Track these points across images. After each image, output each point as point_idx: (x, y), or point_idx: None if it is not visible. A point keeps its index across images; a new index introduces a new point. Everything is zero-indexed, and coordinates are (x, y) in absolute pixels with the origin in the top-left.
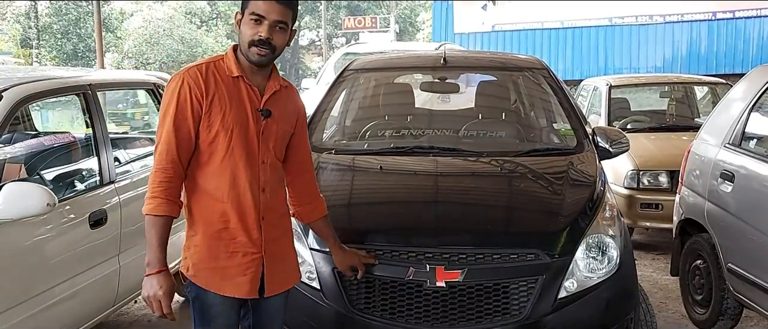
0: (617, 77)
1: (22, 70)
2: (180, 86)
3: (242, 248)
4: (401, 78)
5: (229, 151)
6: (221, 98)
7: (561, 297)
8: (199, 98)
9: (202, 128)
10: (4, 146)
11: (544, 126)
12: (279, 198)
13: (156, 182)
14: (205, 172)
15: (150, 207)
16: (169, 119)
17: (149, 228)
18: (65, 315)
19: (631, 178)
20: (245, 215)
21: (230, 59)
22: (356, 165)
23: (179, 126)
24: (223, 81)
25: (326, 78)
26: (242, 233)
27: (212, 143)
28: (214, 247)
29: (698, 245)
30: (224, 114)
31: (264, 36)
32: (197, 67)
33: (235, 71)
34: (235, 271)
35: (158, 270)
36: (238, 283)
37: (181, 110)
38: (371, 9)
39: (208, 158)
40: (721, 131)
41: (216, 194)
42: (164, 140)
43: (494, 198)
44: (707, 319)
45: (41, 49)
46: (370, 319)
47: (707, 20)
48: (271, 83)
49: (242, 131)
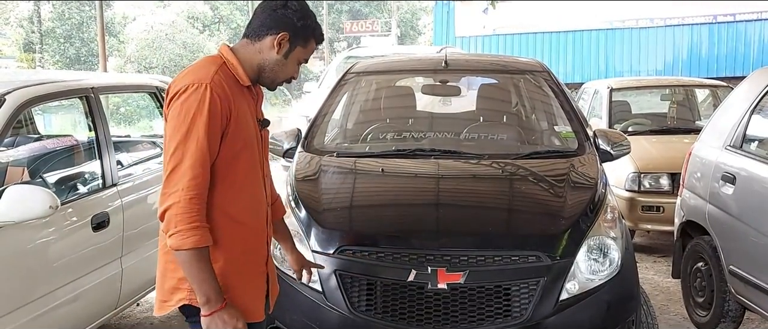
0: (618, 80)
1: (24, 74)
2: (210, 97)
3: (257, 267)
4: (403, 81)
5: (248, 169)
6: (242, 112)
7: (562, 299)
8: (227, 113)
9: (223, 145)
10: (6, 149)
11: (546, 129)
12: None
13: (195, 211)
14: (222, 192)
15: (195, 239)
16: (200, 136)
17: (198, 262)
18: (67, 318)
19: (632, 180)
20: (260, 235)
21: (237, 66)
22: (358, 168)
23: (213, 144)
24: (238, 91)
25: (328, 82)
26: (257, 254)
27: (234, 161)
28: (239, 274)
29: (700, 248)
30: (244, 129)
31: (297, 76)
32: (218, 75)
33: (247, 80)
34: (254, 294)
35: (222, 304)
36: (257, 307)
37: (213, 125)
38: (373, 13)
39: (226, 177)
40: (722, 133)
41: (237, 216)
42: (197, 161)
43: (495, 200)
44: (709, 322)
45: (44, 53)
46: (372, 321)
47: (708, 23)
48: (257, 88)
49: (254, 145)
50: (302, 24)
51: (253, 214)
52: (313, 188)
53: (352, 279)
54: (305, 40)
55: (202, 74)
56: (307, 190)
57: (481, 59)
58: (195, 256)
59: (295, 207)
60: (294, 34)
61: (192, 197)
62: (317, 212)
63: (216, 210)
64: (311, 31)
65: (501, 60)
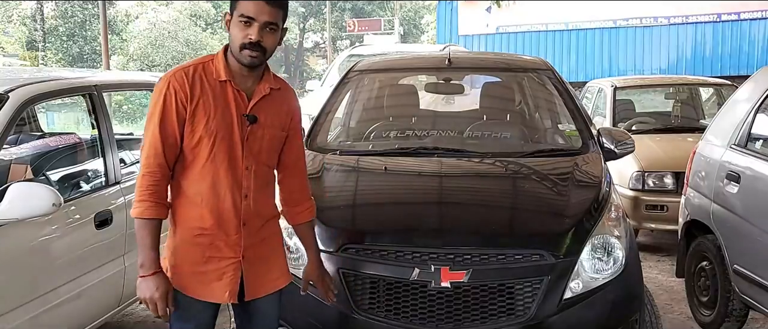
0: (622, 79)
1: (28, 71)
2: (166, 88)
3: (219, 253)
4: (406, 79)
5: (211, 156)
6: (206, 103)
7: (566, 297)
8: (183, 102)
9: (185, 132)
10: (10, 146)
11: (549, 127)
12: (264, 204)
13: (144, 186)
14: (187, 176)
15: (139, 210)
16: (155, 122)
17: (140, 231)
18: (70, 315)
19: (636, 179)
20: (224, 220)
21: (220, 62)
22: (361, 166)
23: (164, 130)
24: (209, 84)
25: (331, 80)
26: (220, 238)
27: (195, 147)
28: (192, 251)
29: (704, 247)
30: (208, 119)
31: (254, 38)
32: (184, 70)
33: (223, 75)
34: (212, 276)
35: (153, 271)
36: (214, 288)
37: (166, 114)
38: (376, 11)
39: (191, 163)
40: (726, 132)
41: (195, 198)
42: (150, 144)
43: (499, 199)
44: (713, 321)
45: (47, 51)
46: (375, 320)
47: (712, 22)
48: (261, 87)
49: (226, 136)
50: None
51: (213, 200)
52: (316, 186)
53: (355, 277)
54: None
55: (173, 70)
56: None
57: (485, 57)
58: (138, 224)
59: None
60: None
61: (144, 174)
62: (320, 210)
63: (179, 190)
64: None
65: (504, 58)
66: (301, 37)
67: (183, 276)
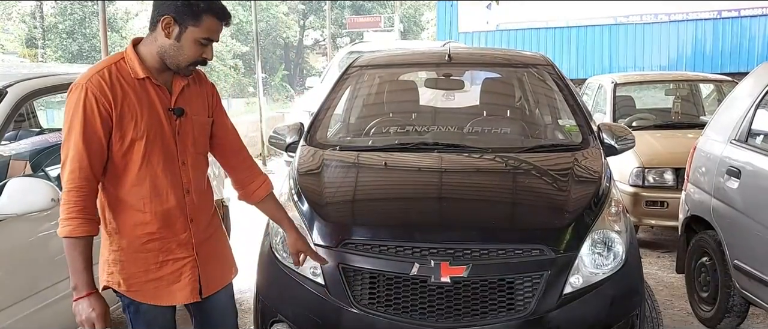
0: (622, 75)
1: (26, 67)
2: (84, 97)
3: (171, 255)
4: (406, 75)
5: (145, 159)
6: (130, 105)
7: (566, 292)
8: (107, 109)
9: (114, 139)
10: (9, 142)
11: (549, 123)
12: (206, 197)
13: (71, 203)
14: (122, 184)
15: (68, 229)
16: (76, 134)
17: (71, 251)
18: (69, 311)
19: (636, 176)
20: (171, 221)
21: (133, 60)
22: (360, 162)
23: (89, 141)
24: (129, 85)
25: (330, 77)
26: (170, 240)
27: (127, 153)
28: (143, 260)
29: (704, 243)
30: (136, 122)
31: (210, 58)
32: (99, 74)
33: (141, 73)
34: (169, 279)
35: (88, 292)
36: (172, 291)
37: (89, 124)
38: (376, 8)
39: (124, 170)
40: (727, 127)
41: (137, 205)
42: (73, 158)
43: (499, 194)
44: (713, 316)
45: (46, 49)
46: (374, 314)
47: (712, 19)
48: (178, 79)
49: (157, 135)
50: (183, 3)
51: (156, 203)
52: (316, 182)
53: (355, 272)
54: (195, 18)
55: (86, 75)
56: (309, 184)
57: (485, 53)
58: (68, 245)
59: (298, 201)
60: (178, 15)
61: (69, 190)
62: (320, 205)
63: (116, 200)
64: (199, 10)
65: (505, 54)
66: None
67: (138, 286)
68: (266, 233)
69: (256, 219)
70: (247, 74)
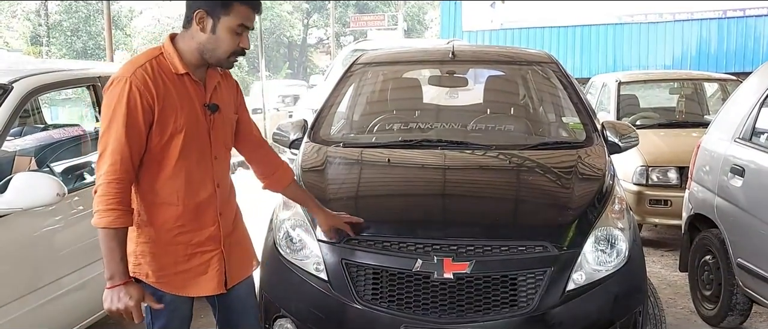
0: (626, 74)
1: (31, 63)
2: (128, 90)
3: (200, 247)
4: (409, 73)
5: (182, 153)
6: (171, 100)
7: (569, 289)
8: (150, 103)
9: (153, 133)
10: (14, 138)
11: (553, 120)
12: (231, 190)
13: (110, 194)
14: (157, 177)
15: (108, 220)
16: (118, 126)
17: (109, 242)
18: (74, 306)
19: (640, 174)
20: (202, 214)
21: (172, 55)
22: (364, 158)
23: (131, 134)
24: (169, 80)
25: (334, 75)
26: (199, 232)
27: (165, 147)
28: (172, 252)
29: (707, 241)
30: (176, 116)
31: (248, 47)
32: (142, 69)
33: (181, 69)
34: (197, 271)
35: (125, 281)
36: (200, 282)
37: (132, 117)
38: (379, 7)
39: (161, 163)
40: (731, 125)
41: (170, 198)
42: (115, 150)
43: (502, 191)
44: (716, 315)
45: (51, 46)
46: (377, 310)
47: (717, 18)
48: (212, 74)
49: (194, 130)
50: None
51: (189, 196)
52: (320, 178)
53: (358, 268)
54: (225, 8)
55: (128, 68)
56: (313, 180)
57: (489, 51)
58: (107, 235)
59: None
60: (209, 8)
61: (109, 182)
62: (323, 201)
63: (149, 193)
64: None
65: (509, 51)
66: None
67: (167, 278)
68: (270, 229)
69: (259, 216)
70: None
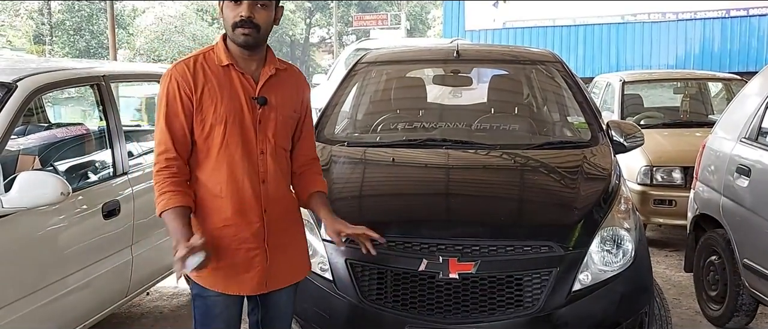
0: (631, 73)
1: (35, 62)
2: (168, 82)
3: (244, 243)
4: (413, 72)
5: (223, 143)
6: (211, 90)
7: (575, 289)
8: (188, 94)
9: (195, 123)
10: (18, 137)
11: (558, 119)
12: (283, 191)
13: (160, 181)
14: (203, 168)
15: (164, 202)
16: (161, 117)
17: (171, 223)
18: (78, 305)
19: (645, 174)
20: (246, 208)
21: (220, 48)
22: (368, 158)
23: (172, 124)
24: (212, 72)
25: (337, 74)
26: (244, 227)
27: (207, 137)
28: (219, 246)
29: (713, 241)
30: (216, 106)
31: (245, 15)
32: (185, 62)
33: (225, 60)
34: (240, 268)
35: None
36: (242, 280)
37: (171, 108)
38: (382, 6)
39: (206, 154)
40: (736, 125)
41: (214, 189)
42: (160, 140)
43: (507, 191)
44: (722, 315)
45: (54, 45)
46: (382, 310)
47: (721, 18)
48: (266, 68)
49: (237, 121)
50: None
51: (233, 189)
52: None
53: (363, 267)
54: None
55: (176, 63)
56: None
57: (493, 50)
58: (168, 218)
59: None
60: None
61: (159, 171)
62: (328, 201)
63: (197, 184)
64: None
65: (513, 50)
66: (307, 32)
67: (209, 272)
68: None
69: None
70: None
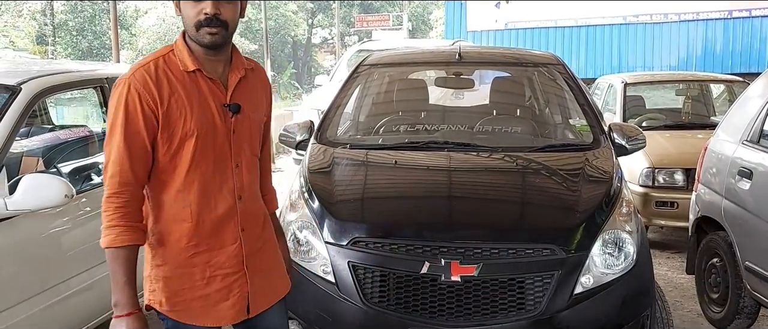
0: (632, 75)
1: (39, 63)
2: (127, 93)
3: (220, 270)
4: (415, 74)
5: (194, 161)
6: (179, 102)
7: (577, 292)
8: (152, 107)
9: (160, 139)
10: (21, 139)
11: (560, 122)
12: (258, 202)
13: (111, 209)
14: (167, 189)
15: (109, 239)
16: (118, 134)
17: (112, 263)
18: (81, 307)
19: (646, 176)
20: (221, 231)
21: (182, 51)
22: (371, 160)
23: (131, 142)
24: (177, 79)
25: (339, 75)
26: (219, 252)
27: (175, 155)
28: (189, 276)
29: (715, 244)
30: (185, 119)
31: (210, 12)
32: (144, 68)
33: (191, 65)
34: (217, 297)
35: (129, 312)
36: (219, 310)
37: (131, 123)
38: (384, 7)
39: (171, 173)
40: (738, 128)
41: (182, 213)
42: (115, 160)
43: (509, 193)
44: (723, 318)
45: (57, 46)
46: (384, 313)
47: (723, 19)
48: (235, 71)
49: (209, 135)
50: None
51: (204, 210)
52: (326, 180)
53: (365, 270)
54: None
55: (131, 69)
56: (320, 181)
57: (495, 52)
58: (110, 256)
59: (309, 198)
60: None
61: (109, 196)
62: (330, 203)
63: (161, 208)
64: None
65: (515, 53)
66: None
67: (183, 304)
68: None
69: None
70: None
